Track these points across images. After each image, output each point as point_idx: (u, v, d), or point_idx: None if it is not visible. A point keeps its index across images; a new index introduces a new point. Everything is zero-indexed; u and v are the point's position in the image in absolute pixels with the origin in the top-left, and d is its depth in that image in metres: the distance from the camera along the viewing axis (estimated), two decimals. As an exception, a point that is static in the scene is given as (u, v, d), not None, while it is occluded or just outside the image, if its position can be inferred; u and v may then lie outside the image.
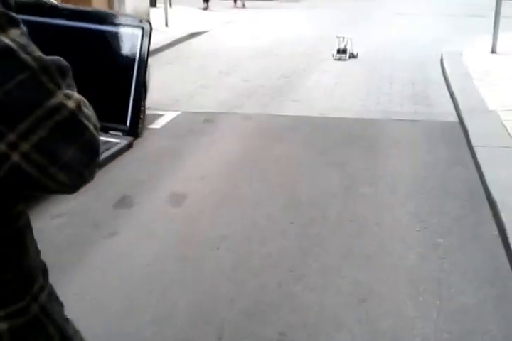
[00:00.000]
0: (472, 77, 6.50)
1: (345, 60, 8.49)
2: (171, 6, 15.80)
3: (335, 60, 8.50)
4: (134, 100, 0.94)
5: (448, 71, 6.94)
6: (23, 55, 0.62)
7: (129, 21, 0.92)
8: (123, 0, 9.95)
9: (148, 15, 11.12)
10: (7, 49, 0.61)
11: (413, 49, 9.14)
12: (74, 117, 0.65)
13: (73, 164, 0.66)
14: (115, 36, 0.92)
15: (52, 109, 0.63)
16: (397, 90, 6.44)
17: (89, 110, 0.69)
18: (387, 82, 6.85)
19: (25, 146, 0.62)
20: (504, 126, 4.74)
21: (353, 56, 8.68)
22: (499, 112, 5.16)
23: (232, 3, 17.67)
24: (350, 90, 6.49)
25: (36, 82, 0.63)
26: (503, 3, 8.04)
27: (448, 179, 3.96)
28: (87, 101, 0.70)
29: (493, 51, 8.00)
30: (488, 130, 4.69)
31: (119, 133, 0.97)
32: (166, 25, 11.79)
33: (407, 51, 8.96)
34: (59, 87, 0.65)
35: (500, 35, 8.11)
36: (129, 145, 0.97)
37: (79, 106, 0.66)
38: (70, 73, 0.70)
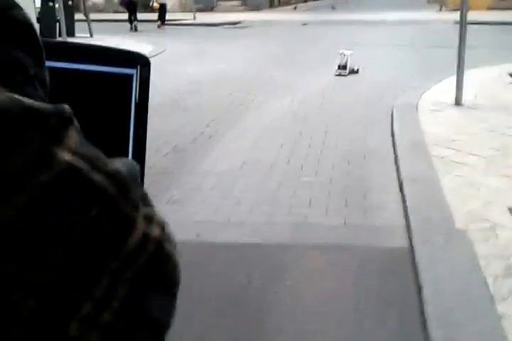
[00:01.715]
0: (430, 153, 4.60)
1: (345, 75, 8.70)
2: (91, 35, 13.89)
3: (335, 75, 8.72)
4: (134, 150, 0.69)
5: (398, 139, 5.03)
6: (95, 176, 0.35)
7: (117, 57, 0.69)
8: None
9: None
10: (71, 170, 0.34)
11: (359, 97, 7.26)
12: (160, 252, 0.38)
13: (161, 319, 0.40)
14: (97, 79, 0.67)
15: (135, 250, 0.36)
16: (324, 178, 4.48)
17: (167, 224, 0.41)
18: (313, 160, 4.89)
19: (106, 318, 0.35)
20: (481, 274, 2.80)
21: (353, 71, 8.79)
22: (470, 233, 3.24)
23: (158, 23, 16.94)
24: (256, 180, 4.49)
25: (115, 213, 0.36)
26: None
27: None
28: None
29: (457, 102, 6.16)
30: (456, 287, 2.75)
31: None
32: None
33: (349, 101, 7.08)
34: (138, 209, 0.38)
35: (467, 75, 6.30)
36: None
37: (163, 230, 0.39)
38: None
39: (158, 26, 17.21)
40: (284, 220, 3.75)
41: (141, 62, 0.69)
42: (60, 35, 12.61)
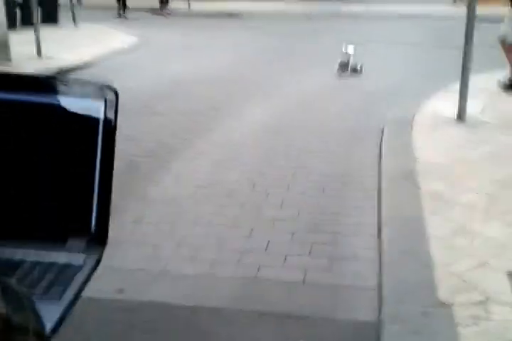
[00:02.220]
0: (420, 186, 3.85)
1: (345, 74, 7.76)
2: (75, 24, 13.06)
3: (336, 73, 7.86)
4: (99, 193, 0.67)
5: (385, 165, 4.26)
6: None
7: (83, 89, 0.66)
8: None
9: (6, 44, 8.31)
10: None
11: (353, 105, 6.50)
12: None
13: None
14: (63, 113, 0.64)
15: None
16: (290, 212, 3.72)
17: None
18: (283, 186, 4.15)
19: None
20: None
21: (355, 71, 7.85)
22: (456, 310, 2.52)
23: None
24: (209, 213, 3.73)
25: None
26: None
27: None
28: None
29: (459, 117, 5.39)
30: None
31: (81, 242, 0.70)
32: (39, 54, 8.97)
33: (341, 109, 6.32)
34: None
35: (475, 81, 5.53)
36: (97, 264, 0.68)
37: None
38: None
39: (164, 15, 16.31)
40: (230, 273, 3.03)
41: (109, 96, 0.64)
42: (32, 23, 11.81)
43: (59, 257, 0.70)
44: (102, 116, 0.65)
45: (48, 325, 0.58)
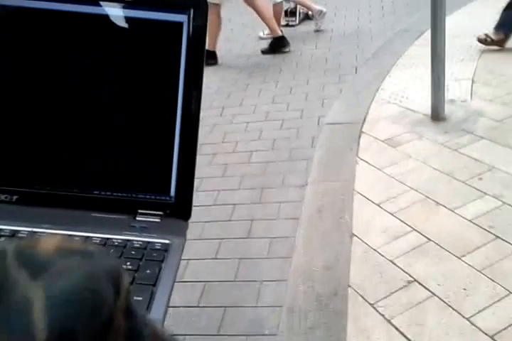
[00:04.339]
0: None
1: (294, 25, 6.06)
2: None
3: (282, 25, 5.79)
4: (181, 147, 0.51)
5: (296, 263, 2.36)
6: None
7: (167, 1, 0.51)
8: None
9: None
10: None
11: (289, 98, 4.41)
12: None
13: None
14: (138, 27, 0.51)
15: None
16: None
17: None
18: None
19: None
20: None
21: (307, 18, 6.14)
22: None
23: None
24: None
25: None
26: None
27: None
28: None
29: (435, 115, 3.33)
30: None
31: (158, 214, 0.54)
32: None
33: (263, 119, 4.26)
34: None
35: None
36: (182, 248, 0.54)
37: None
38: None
39: None
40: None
41: (194, 5, 0.52)
42: None
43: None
44: (185, 34, 0.49)
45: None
